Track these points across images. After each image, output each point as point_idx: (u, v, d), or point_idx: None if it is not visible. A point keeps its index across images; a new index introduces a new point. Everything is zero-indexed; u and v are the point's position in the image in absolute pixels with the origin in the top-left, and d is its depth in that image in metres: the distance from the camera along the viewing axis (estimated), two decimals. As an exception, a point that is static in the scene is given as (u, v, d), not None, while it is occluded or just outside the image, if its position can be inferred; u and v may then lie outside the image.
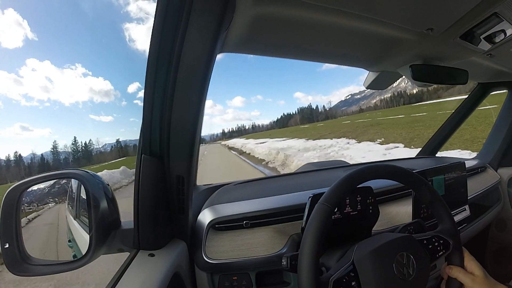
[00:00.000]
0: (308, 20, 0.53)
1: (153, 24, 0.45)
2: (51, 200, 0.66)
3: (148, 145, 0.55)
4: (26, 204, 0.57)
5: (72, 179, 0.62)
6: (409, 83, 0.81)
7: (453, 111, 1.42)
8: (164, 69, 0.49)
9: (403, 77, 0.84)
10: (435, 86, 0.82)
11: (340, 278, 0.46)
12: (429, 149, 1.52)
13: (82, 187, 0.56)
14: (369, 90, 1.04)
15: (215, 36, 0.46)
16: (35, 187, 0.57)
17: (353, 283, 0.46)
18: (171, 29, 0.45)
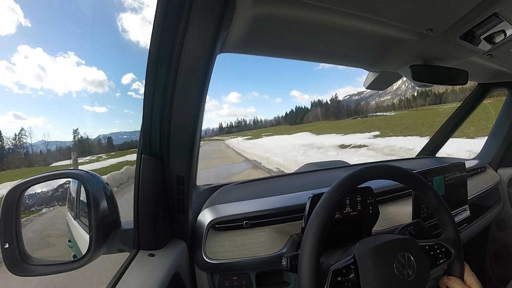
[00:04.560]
0: (308, 20, 0.53)
1: (153, 24, 0.45)
2: (57, 204, 0.66)
3: (148, 145, 0.55)
4: (36, 206, 0.58)
5: (72, 179, 0.62)
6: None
7: (454, 111, 1.42)
8: (164, 69, 0.49)
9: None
10: (462, 86, 0.81)
11: (340, 269, 0.47)
12: (429, 149, 1.52)
13: (82, 187, 0.56)
14: (367, 91, 1.04)
15: (215, 36, 0.46)
16: (38, 190, 0.57)
17: (351, 276, 0.46)
18: (171, 29, 0.45)
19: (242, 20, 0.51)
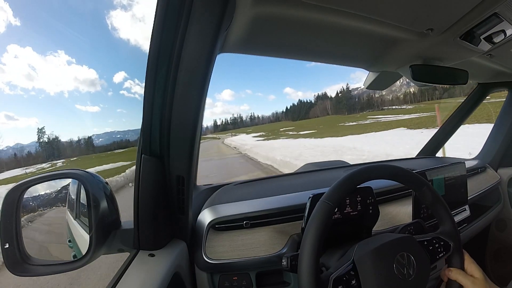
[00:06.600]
0: (308, 20, 0.54)
1: (153, 24, 0.45)
2: (60, 205, 0.66)
3: (148, 145, 0.55)
4: (42, 208, 0.58)
5: (72, 179, 0.62)
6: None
7: (454, 111, 1.42)
8: (164, 69, 0.49)
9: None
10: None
11: (340, 276, 0.46)
12: (429, 149, 1.52)
13: (82, 187, 0.56)
14: (361, 88, 1.04)
15: (215, 36, 0.46)
16: (42, 192, 0.57)
17: (353, 282, 0.46)
18: (171, 29, 0.45)
19: (242, 20, 0.51)
